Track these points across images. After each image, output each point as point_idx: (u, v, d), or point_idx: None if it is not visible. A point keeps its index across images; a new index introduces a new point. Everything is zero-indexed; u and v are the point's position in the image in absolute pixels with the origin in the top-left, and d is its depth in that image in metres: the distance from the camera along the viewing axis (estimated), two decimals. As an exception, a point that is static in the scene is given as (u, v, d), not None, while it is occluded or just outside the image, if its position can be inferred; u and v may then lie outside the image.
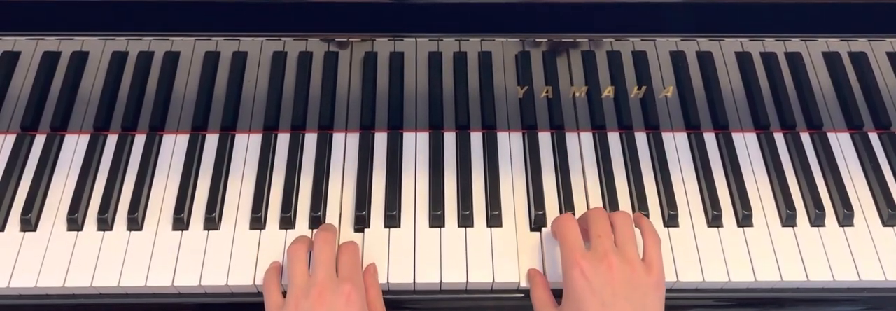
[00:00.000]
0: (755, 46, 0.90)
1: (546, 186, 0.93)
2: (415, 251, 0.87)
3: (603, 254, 0.79)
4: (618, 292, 0.77)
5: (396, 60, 0.91)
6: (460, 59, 0.91)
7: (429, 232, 0.89)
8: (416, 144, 0.96)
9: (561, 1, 0.83)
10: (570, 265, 0.79)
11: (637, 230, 0.84)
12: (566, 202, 0.92)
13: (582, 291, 0.77)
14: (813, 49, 0.90)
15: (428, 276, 0.86)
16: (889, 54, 0.91)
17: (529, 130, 0.97)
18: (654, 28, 0.84)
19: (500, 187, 0.92)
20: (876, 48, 0.90)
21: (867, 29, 0.85)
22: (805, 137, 0.98)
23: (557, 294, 0.82)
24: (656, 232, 0.83)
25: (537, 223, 0.90)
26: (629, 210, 0.92)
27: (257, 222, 0.89)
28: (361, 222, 0.89)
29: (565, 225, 0.82)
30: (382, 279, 0.85)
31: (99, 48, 0.89)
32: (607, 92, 0.93)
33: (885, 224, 0.91)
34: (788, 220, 0.90)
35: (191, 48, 0.89)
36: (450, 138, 0.97)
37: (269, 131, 0.97)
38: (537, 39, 0.87)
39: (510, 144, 0.96)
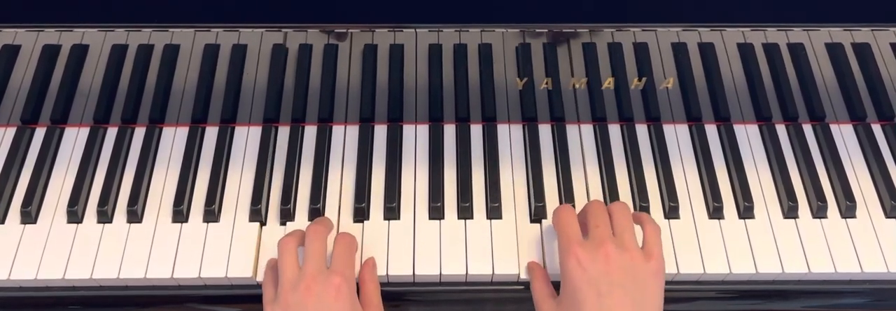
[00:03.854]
0: (757, 37, 0.90)
1: (546, 178, 0.92)
2: (414, 244, 0.87)
3: (599, 242, 0.78)
4: (614, 281, 0.76)
5: (396, 52, 0.90)
6: (460, 51, 0.90)
7: (428, 224, 0.89)
8: (415, 136, 0.96)
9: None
10: (566, 255, 0.78)
11: (637, 226, 0.83)
12: (566, 195, 0.91)
13: (578, 280, 0.77)
14: (816, 40, 0.90)
15: (427, 268, 0.85)
16: (892, 45, 0.90)
17: (529, 123, 0.96)
18: (655, 17, 0.84)
19: (500, 179, 0.92)
20: (879, 39, 0.90)
21: (870, 18, 0.84)
22: (807, 129, 0.97)
23: (557, 286, 0.82)
24: (655, 221, 0.83)
25: (537, 216, 0.90)
26: (630, 202, 0.91)
27: (257, 214, 0.89)
28: (361, 215, 0.89)
29: (563, 215, 0.82)
30: (381, 271, 0.85)
31: (99, 41, 0.89)
32: (608, 83, 0.93)
33: (887, 216, 0.90)
34: (790, 212, 0.90)
35: (190, 41, 0.89)
36: (450, 131, 0.96)
37: (269, 124, 0.96)
38: (537, 30, 0.87)
39: (510, 136, 0.96)
